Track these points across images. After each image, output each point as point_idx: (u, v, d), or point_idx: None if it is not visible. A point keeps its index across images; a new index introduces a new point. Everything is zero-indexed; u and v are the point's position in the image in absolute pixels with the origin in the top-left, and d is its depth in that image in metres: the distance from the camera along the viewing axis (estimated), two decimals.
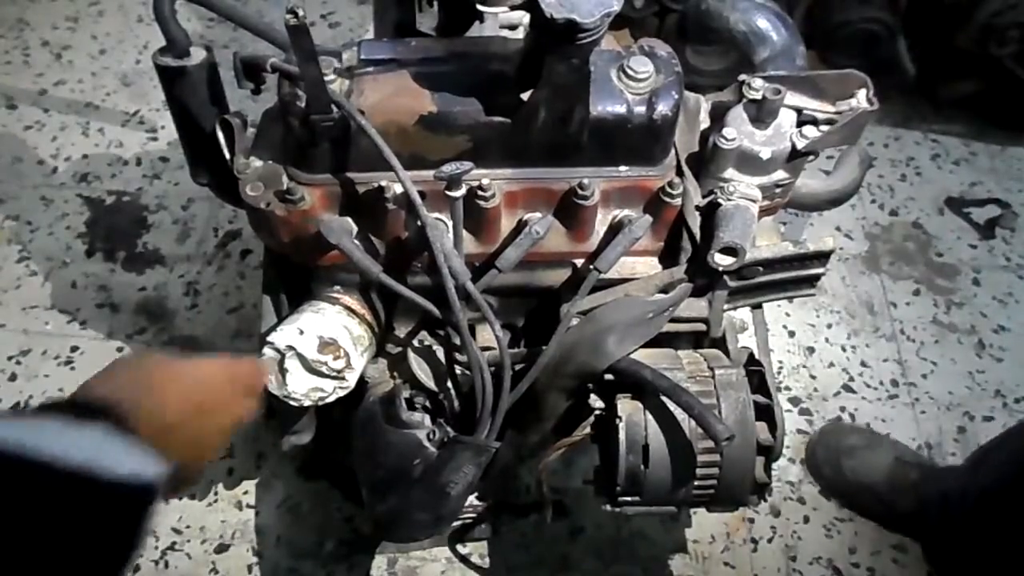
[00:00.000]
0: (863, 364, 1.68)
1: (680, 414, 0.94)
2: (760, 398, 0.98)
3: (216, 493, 1.45)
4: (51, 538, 0.49)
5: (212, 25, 2.10)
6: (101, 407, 0.58)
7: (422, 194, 0.93)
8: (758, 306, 1.13)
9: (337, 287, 1.05)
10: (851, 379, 1.66)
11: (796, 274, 1.07)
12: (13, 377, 1.59)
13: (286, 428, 1.13)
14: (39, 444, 0.50)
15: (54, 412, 0.56)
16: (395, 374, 1.09)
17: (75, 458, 0.51)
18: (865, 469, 1.48)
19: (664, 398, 0.94)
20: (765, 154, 1.00)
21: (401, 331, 1.09)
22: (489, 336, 1.00)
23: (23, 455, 0.49)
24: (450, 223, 0.97)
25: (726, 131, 0.99)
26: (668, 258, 1.06)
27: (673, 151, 1.02)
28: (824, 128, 1.02)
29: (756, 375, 1.00)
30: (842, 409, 1.62)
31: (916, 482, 1.44)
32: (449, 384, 1.07)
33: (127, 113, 2.02)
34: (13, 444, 0.50)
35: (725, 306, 1.07)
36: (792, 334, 1.72)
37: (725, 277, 1.02)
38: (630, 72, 0.95)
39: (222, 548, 1.40)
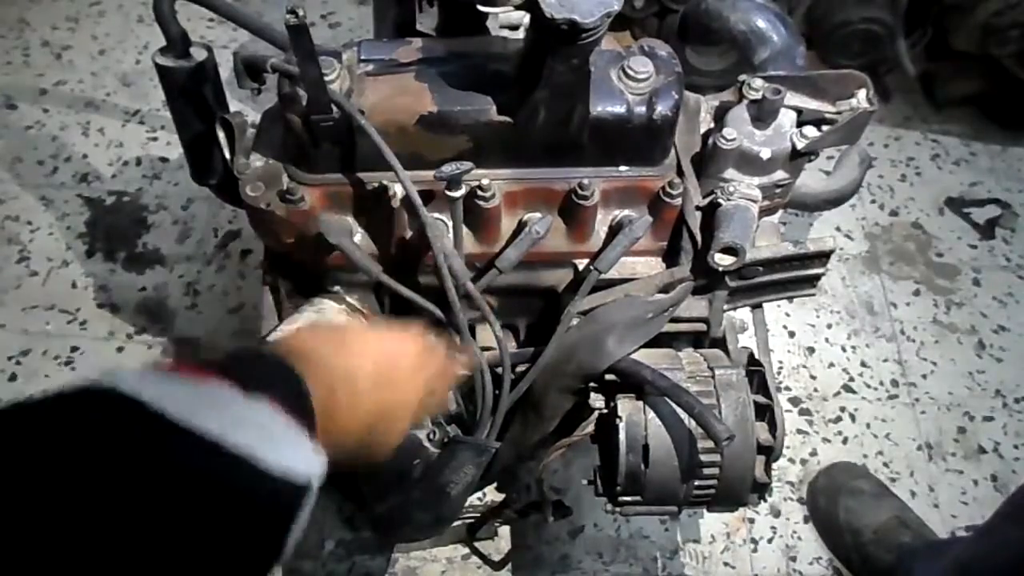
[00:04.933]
0: (863, 364, 1.68)
1: (680, 414, 0.94)
2: (760, 398, 0.98)
3: None
4: (200, 530, 0.43)
5: (212, 25, 2.10)
6: (282, 373, 0.54)
7: (422, 194, 0.93)
8: (758, 306, 1.13)
9: (337, 287, 1.05)
10: (851, 379, 1.66)
11: (796, 274, 1.07)
12: (13, 377, 1.58)
13: None
14: (207, 418, 0.45)
15: (229, 373, 0.50)
16: None
17: (238, 440, 0.45)
18: (860, 513, 1.41)
19: (664, 398, 0.94)
20: (765, 154, 1.00)
21: None
22: (489, 336, 1.00)
23: (190, 429, 0.44)
24: (450, 223, 0.97)
25: (726, 131, 0.99)
26: (668, 258, 1.06)
27: (673, 151, 1.02)
28: (824, 128, 1.02)
29: (756, 375, 1.00)
30: (842, 409, 1.62)
31: (903, 544, 1.36)
32: None
33: (127, 113, 2.02)
34: (182, 414, 0.44)
35: (725, 306, 1.07)
36: (792, 334, 1.72)
37: (725, 277, 1.02)
38: (630, 72, 0.95)
39: None
